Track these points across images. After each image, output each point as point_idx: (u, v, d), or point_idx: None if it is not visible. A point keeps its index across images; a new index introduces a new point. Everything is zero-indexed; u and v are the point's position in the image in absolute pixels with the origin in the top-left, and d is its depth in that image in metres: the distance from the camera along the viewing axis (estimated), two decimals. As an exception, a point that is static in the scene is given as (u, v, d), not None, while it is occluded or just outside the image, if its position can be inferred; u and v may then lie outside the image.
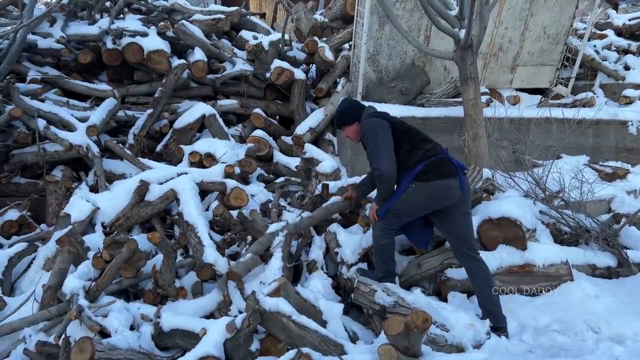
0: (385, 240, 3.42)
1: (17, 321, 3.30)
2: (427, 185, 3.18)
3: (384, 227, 3.40)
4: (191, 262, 3.91)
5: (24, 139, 4.94)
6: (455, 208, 3.25)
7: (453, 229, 3.31)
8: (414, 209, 3.33)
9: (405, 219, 3.41)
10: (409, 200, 3.28)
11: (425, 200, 3.25)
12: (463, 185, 3.22)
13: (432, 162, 3.21)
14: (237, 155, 5.26)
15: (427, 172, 3.18)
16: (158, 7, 6.61)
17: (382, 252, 3.46)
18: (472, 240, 3.34)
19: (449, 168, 3.22)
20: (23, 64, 5.53)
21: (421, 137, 3.38)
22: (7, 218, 4.57)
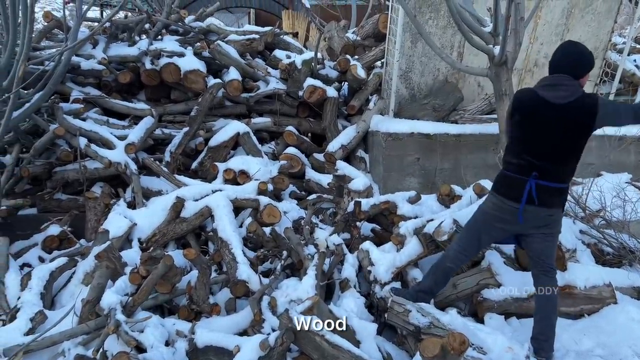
0: (451, 264, 3.30)
1: (57, 334, 3.37)
2: (495, 195, 3.06)
3: (460, 248, 3.26)
4: (225, 279, 3.95)
5: (66, 156, 5.12)
6: (529, 230, 3.04)
7: (529, 246, 3.13)
8: (485, 220, 3.15)
9: (479, 236, 3.20)
10: (479, 208, 3.20)
11: (492, 209, 3.08)
12: (520, 215, 2.92)
13: (502, 175, 3.06)
14: (270, 173, 5.32)
15: (495, 183, 3.10)
16: (194, 29, 6.79)
17: (439, 274, 3.35)
18: (548, 261, 3.10)
19: (512, 190, 2.95)
20: (67, 84, 5.76)
21: (525, 150, 2.92)
22: (49, 233, 4.72)
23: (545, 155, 2.87)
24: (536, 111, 2.85)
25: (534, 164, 2.87)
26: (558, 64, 2.91)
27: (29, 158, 5.14)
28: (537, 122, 2.86)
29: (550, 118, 2.82)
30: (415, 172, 5.40)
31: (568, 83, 2.83)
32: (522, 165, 2.92)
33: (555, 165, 2.87)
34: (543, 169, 2.86)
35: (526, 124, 2.91)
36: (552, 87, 2.86)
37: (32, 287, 3.82)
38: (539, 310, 3.13)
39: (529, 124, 2.89)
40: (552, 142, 2.85)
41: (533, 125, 2.88)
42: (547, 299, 3.09)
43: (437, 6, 5.60)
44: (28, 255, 4.58)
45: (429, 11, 5.63)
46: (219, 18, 7.52)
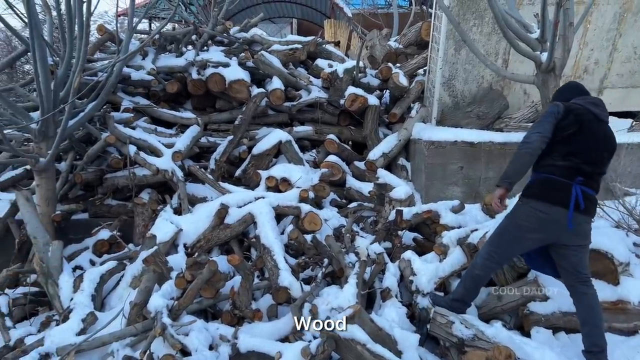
0: (481, 272, 3.28)
1: (107, 335, 3.48)
2: (531, 204, 3.03)
3: (485, 257, 3.24)
4: (267, 285, 4.00)
5: (117, 163, 5.33)
6: (566, 240, 3.04)
7: (562, 259, 3.11)
8: (515, 230, 3.12)
9: (508, 246, 3.19)
10: (510, 218, 3.17)
11: (526, 220, 3.05)
12: (571, 221, 2.92)
13: (543, 179, 3.03)
14: (311, 180, 5.36)
15: (533, 187, 3.06)
16: (239, 39, 6.95)
17: (469, 281, 3.34)
18: (583, 271, 3.07)
19: (559, 195, 2.96)
20: (118, 94, 6.01)
21: (573, 148, 3.00)
22: (99, 237, 4.90)
23: (591, 163, 3.04)
24: (591, 125, 3.06)
25: (581, 169, 3.00)
26: (583, 89, 3.34)
27: (82, 165, 5.38)
28: (591, 134, 3.05)
29: (599, 132, 3.09)
30: (458, 181, 5.32)
31: (603, 105, 3.20)
32: (568, 167, 3.01)
33: (596, 175, 3.08)
34: (588, 175, 3.01)
35: (581, 135, 3.03)
36: (596, 105, 3.15)
37: (84, 289, 3.97)
38: (586, 322, 3.04)
39: (584, 136, 3.03)
40: (598, 153, 3.08)
41: (587, 137, 3.04)
42: (591, 308, 3.02)
43: (481, 13, 5.52)
44: (80, 259, 4.76)
45: (473, 18, 5.56)
46: (262, 28, 7.67)
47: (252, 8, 14.36)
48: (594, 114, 3.08)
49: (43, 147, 4.71)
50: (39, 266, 4.21)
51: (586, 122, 3.03)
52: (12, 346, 3.66)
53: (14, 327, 3.99)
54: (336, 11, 12.94)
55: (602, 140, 3.07)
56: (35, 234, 4.39)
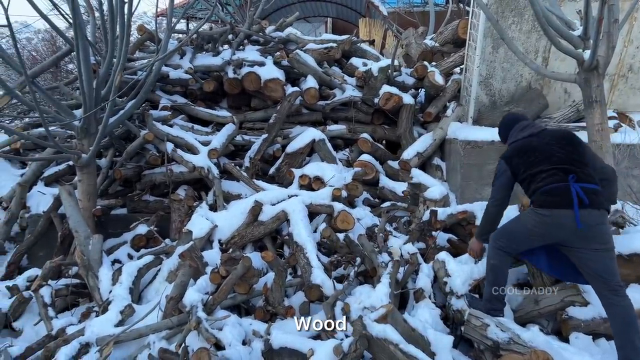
0: (493, 261, 3.34)
1: (143, 328, 3.57)
2: (538, 212, 3.09)
3: (494, 246, 3.34)
4: (299, 282, 4.02)
5: (155, 160, 5.45)
6: (579, 242, 3.02)
7: (583, 264, 3.07)
8: (525, 233, 3.22)
9: (516, 243, 3.29)
10: (521, 221, 3.27)
11: (535, 227, 3.13)
12: (579, 219, 2.94)
13: (544, 190, 3.09)
14: (344, 179, 5.35)
15: (539, 199, 3.11)
16: (274, 38, 7.01)
17: (489, 274, 3.37)
18: (610, 278, 3.00)
19: (562, 198, 3.01)
20: (156, 92, 6.16)
21: (539, 169, 3.20)
22: (137, 232, 5.04)
23: (566, 163, 3.17)
24: (532, 146, 3.35)
25: (565, 170, 3.10)
26: (512, 120, 3.72)
27: (121, 161, 5.54)
28: (540, 150, 3.30)
29: (542, 143, 3.34)
30: (495, 181, 5.21)
31: (530, 124, 3.60)
32: (553, 175, 3.12)
33: (582, 169, 3.14)
34: (574, 172, 3.09)
35: (535, 158, 3.29)
36: (524, 129, 3.52)
37: (122, 282, 4.08)
38: (618, 335, 2.94)
39: (537, 156, 3.28)
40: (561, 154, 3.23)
41: (539, 153, 3.28)
42: (623, 321, 2.92)
43: (521, 10, 5.40)
44: (118, 252, 4.90)
45: (512, 15, 5.44)
46: (297, 27, 7.70)
47: (288, 7, 14.46)
48: (526, 138, 3.40)
49: (85, 143, 4.86)
50: (80, 259, 4.35)
51: (529, 149, 3.31)
52: (54, 335, 3.81)
53: (57, 317, 4.15)
54: (371, 10, 12.89)
55: (552, 144, 3.25)
56: (77, 227, 4.54)
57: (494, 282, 3.34)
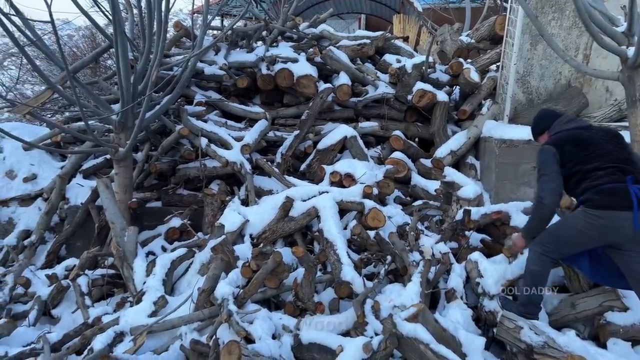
0: (535, 267, 3.22)
1: (176, 319, 3.63)
2: (592, 213, 2.95)
3: (538, 251, 3.21)
4: (329, 279, 4.02)
5: (189, 155, 5.55)
6: (631, 245, 2.92)
7: (630, 268, 2.97)
8: (574, 236, 3.09)
9: (564, 247, 3.15)
10: (568, 223, 3.13)
11: (587, 229, 3.00)
12: (637, 222, 2.83)
13: (601, 190, 2.96)
14: (375, 177, 5.31)
15: (593, 199, 2.96)
16: (308, 35, 7.01)
17: (528, 278, 3.27)
18: None
19: (621, 199, 2.89)
20: (191, 88, 6.25)
21: (595, 165, 3.06)
22: (171, 225, 5.13)
23: (621, 162, 3.05)
24: (586, 139, 3.21)
25: (621, 169, 2.98)
26: (553, 113, 3.65)
27: (156, 155, 5.65)
28: (593, 145, 3.16)
29: (596, 138, 3.22)
30: (531, 181, 5.08)
31: (575, 118, 3.70)
32: (609, 174, 2.99)
33: (636, 170, 3.04)
34: (630, 172, 2.98)
35: (588, 151, 3.15)
36: (571, 121, 3.45)
37: (156, 273, 4.17)
38: None
39: (591, 150, 3.15)
40: (616, 152, 3.12)
41: (594, 148, 3.14)
42: None
43: (561, 6, 5.25)
44: (153, 244, 5.01)
45: (552, 11, 5.30)
46: (330, 24, 7.69)
47: (321, 4, 14.45)
48: (575, 129, 3.27)
49: (122, 137, 4.98)
50: (115, 250, 4.46)
51: (581, 141, 3.17)
52: (90, 323, 3.92)
53: (93, 306, 4.28)
54: (406, 6, 12.76)
55: (606, 141, 3.15)
56: (114, 219, 4.66)
57: (533, 287, 3.24)
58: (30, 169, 5.85)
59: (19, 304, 4.48)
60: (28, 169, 5.85)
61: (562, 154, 3.17)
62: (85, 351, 3.47)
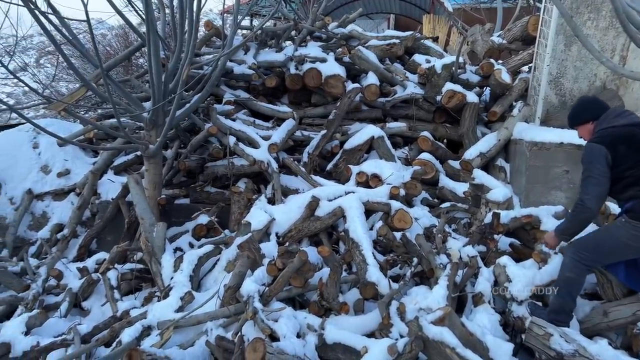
0: (570, 274, 3.13)
1: (202, 314, 3.67)
2: (637, 225, 2.87)
3: (574, 258, 3.12)
4: (354, 279, 4.01)
5: (217, 153, 5.61)
6: None
7: None
8: (615, 246, 3.00)
9: (603, 256, 3.08)
10: (611, 233, 3.03)
11: (633, 241, 2.91)
12: None
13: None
14: (402, 178, 5.27)
15: (637, 211, 2.86)
16: (337, 35, 7.01)
17: (561, 285, 3.19)
18: None
19: None
20: (221, 87, 6.32)
21: None
22: (198, 222, 5.19)
23: None
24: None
25: None
26: (602, 103, 3.34)
27: (185, 153, 5.73)
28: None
29: None
30: (562, 185, 4.97)
31: (626, 110, 3.25)
32: None
33: None
34: None
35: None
36: (624, 116, 3.13)
37: (183, 269, 4.22)
38: None
39: None
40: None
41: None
42: None
43: (597, 6, 5.11)
44: (180, 241, 5.08)
45: (587, 11, 5.16)
46: (358, 24, 7.67)
47: (351, 4, 14.42)
48: (628, 126, 3.00)
49: (153, 134, 5.07)
50: (144, 245, 4.54)
51: (636, 140, 2.95)
52: (119, 317, 4.01)
53: (121, 300, 4.36)
54: (436, 6, 12.63)
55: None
56: (143, 215, 4.74)
57: (567, 295, 3.17)
58: (64, 164, 6.01)
59: (51, 295, 4.61)
60: (62, 164, 6.01)
61: (614, 155, 2.95)
62: (114, 343, 3.54)
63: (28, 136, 6.21)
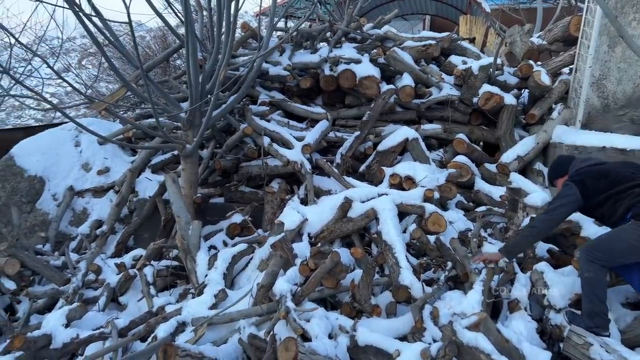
0: (588, 273, 3.13)
1: (235, 312, 3.70)
2: None
3: (587, 259, 3.14)
4: (387, 282, 3.98)
5: (252, 153, 5.67)
6: None
7: None
8: (626, 248, 3.04)
9: (614, 257, 3.10)
10: (620, 236, 3.08)
11: (637, 242, 2.98)
12: None
13: None
14: (437, 180, 5.20)
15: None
16: (372, 36, 6.98)
17: (584, 287, 3.15)
18: None
19: None
20: (256, 88, 6.39)
21: (626, 186, 3.19)
22: (232, 221, 5.25)
23: None
24: (605, 168, 3.42)
25: None
26: (571, 158, 3.71)
27: (221, 153, 5.82)
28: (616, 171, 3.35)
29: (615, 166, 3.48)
30: (603, 190, 4.81)
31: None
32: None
33: None
34: None
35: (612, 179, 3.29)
36: (584, 160, 3.60)
37: (218, 267, 4.28)
38: None
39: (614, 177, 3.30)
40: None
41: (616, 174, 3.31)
42: None
43: (644, 5, 4.93)
44: (215, 239, 5.14)
45: (633, 11, 4.99)
46: (393, 25, 7.62)
47: (386, 5, 14.36)
48: (593, 165, 3.42)
49: (190, 134, 5.16)
50: (180, 242, 4.63)
51: (601, 171, 3.33)
52: (154, 312, 4.09)
53: (157, 296, 4.45)
54: (473, 7, 12.44)
55: (623, 168, 3.35)
56: (179, 213, 4.83)
57: (592, 295, 3.11)
58: (104, 163, 6.20)
59: (90, 289, 4.75)
60: (102, 163, 6.20)
61: (583, 188, 3.29)
62: (149, 338, 3.61)
63: (70, 135, 6.43)
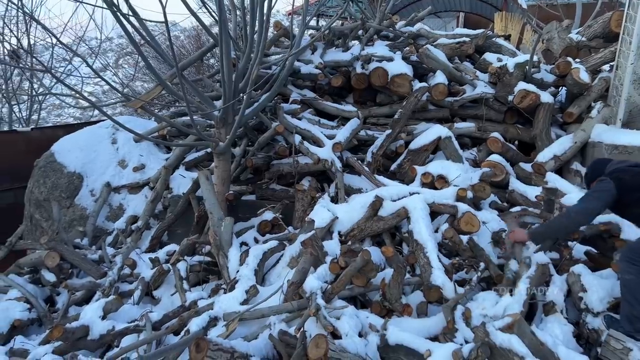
0: (628, 275, 3.05)
1: (266, 308, 3.72)
2: None
3: (626, 260, 3.08)
4: (418, 282, 3.94)
5: (283, 151, 5.70)
6: None
7: None
8: None
9: None
10: None
11: None
12: None
13: None
14: (470, 180, 5.11)
15: None
16: (404, 33, 6.92)
17: (623, 290, 3.08)
18: None
19: None
20: (288, 87, 6.42)
21: None
22: (263, 218, 5.30)
23: None
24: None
25: None
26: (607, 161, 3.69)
27: (253, 151, 5.87)
28: None
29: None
30: (645, 191, 4.65)
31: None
32: None
33: None
34: None
35: None
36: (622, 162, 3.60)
37: (249, 263, 4.32)
38: None
39: None
40: None
41: None
42: None
43: (692, -2, 4.73)
44: (246, 235, 5.20)
45: (679, 5, 4.79)
46: (426, 23, 7.54)
47: (419, 2, 14.21)
48: (630, 166, 3.41)
49: (223, 132, 5.23)
50: (212, 239, 4.70)
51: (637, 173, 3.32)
52: (187, 306, 4.16)
53: (190, 290, 4.53)
54: (509, 3, 12.17)
55: None
56: (212, 209, 4.91)
57: (632, 299, 3.02)
58: (139, 160, 6.34)
59: (125, 283, 4.88)
60: (138, 160, 6.35)
61: (619, 183, 3.28)
62: (182, 332, 3.68)
63: (107, 132, 6.60)
